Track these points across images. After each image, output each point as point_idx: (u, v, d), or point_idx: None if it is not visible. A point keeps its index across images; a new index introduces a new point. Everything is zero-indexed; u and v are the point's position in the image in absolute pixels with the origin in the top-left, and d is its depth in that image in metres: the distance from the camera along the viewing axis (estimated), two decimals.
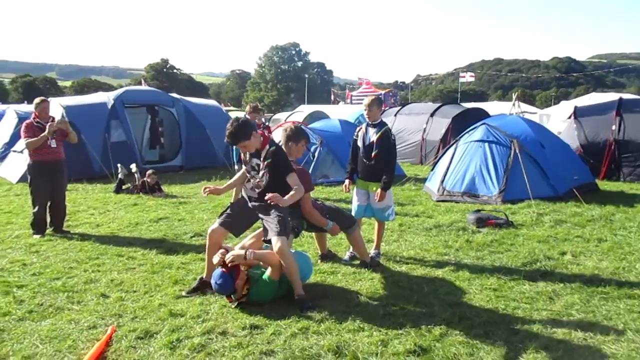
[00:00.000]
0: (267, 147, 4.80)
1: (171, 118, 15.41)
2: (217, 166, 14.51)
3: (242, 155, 5.01)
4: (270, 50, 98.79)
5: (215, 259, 4.78)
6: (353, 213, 6.09)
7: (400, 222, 7.85)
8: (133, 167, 11.66)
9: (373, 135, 5.95)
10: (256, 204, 4.89)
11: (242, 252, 4.72)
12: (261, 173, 4.83)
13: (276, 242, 4.56)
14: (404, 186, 11.39)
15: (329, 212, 5.51)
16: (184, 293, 5.02)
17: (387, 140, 5.88)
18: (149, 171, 11.17)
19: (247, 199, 5.02)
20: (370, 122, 6.03)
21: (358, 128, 6.24)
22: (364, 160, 6.02)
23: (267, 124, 10.17)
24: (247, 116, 8.92)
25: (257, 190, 4.91)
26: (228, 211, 4.99)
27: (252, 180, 4.98)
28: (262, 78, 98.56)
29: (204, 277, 5.00)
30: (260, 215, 4.84)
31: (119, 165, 11.86)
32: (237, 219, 4.92)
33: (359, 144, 6.09)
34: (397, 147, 17.28)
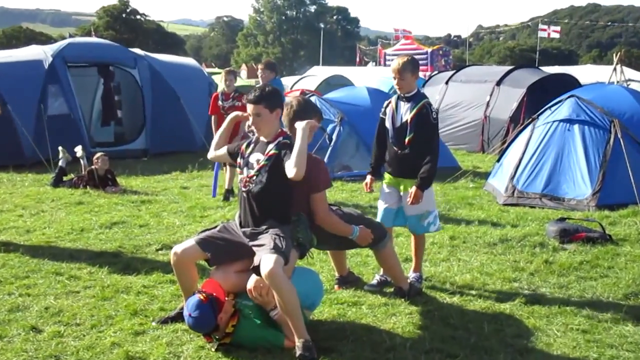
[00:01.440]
0: (281, 138, 4.89)
1: (132, 83, 15.52)
2: (194, 150, 14.58)
3: (242, 146, 5.07)
4: None
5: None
6: (379, 220, 6.07)
7: (452, 233, 7.82)
8: (78, 150, 11.73)
9: (406, 113, 5.93)
10: (247, 230, 4.88)
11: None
12: (257, 168, 4.84)
13: (266, 263, 4.43)
14: (458, 183, 11.34)
15: (350, 221, 5.48)
16: (153, 323, 5.07)
17: (426, 118, 5.86)
18: (98, 155, 11.21)
19: (237, 224, 5.04)
20: (402, 95, 6.01)
21: (386, 103, 6.22)
22: (394, 147, 6.01)
23: (236, 93, 10.32)
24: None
25: (242, 190, 4.90)
26: (214, 231, 5.01)
27: (239, 176, 5.00)
28: (259, 28, 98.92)
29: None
30: (252, 243, 4.81)
31: (59, 148, 11.96)
32: (222, 245, 4.90)
33: (387, 124, 6.08)
34: (449, 128, 17.57)
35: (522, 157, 10.01)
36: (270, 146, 4.87)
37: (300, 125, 4.84)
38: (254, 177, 4.86)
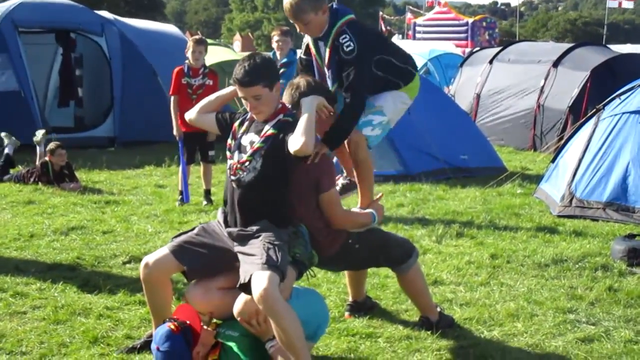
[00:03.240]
0: (281, 116, 4.85)
1: (97, 54, 15.57)
2: (174, 141, 14.53)
3: (234, 125, 5.00)
4: None
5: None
6: None
7: (494, 251, 7.84)
8: (38, 135, 11.77)
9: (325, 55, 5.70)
10: (234, 230, 4.85)
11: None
12: (250, 151, 4.80)
13: (258, 281, 4.37)
14: (502, 188, 11.36)
15: (368, 240, 5.51)
16: (117, 353, 5.10)
17: (342, 50, 5.49)
18: (53, 145, 11.25)
19: (221, 222, 5.01)
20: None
21: (303, 46, 6.03)
22: None
23: (206, 69, 10.26)
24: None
25: (232, 179, 4.85)
26: (192, 234, 4.98)
27: (228, 162, 4.96)
28: None
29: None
30: (238, 249, 4.75)
31: (2, 134, 11.99)
32: (202, 254, 4.86)
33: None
34: (493, 119, 17.60)
35: (582, 157, 9.96)
36: (268, 126, 4.82)
37: (305, 100, 4.87)
38: (246, 163, 4.78)
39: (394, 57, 5.76)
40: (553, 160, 11.11)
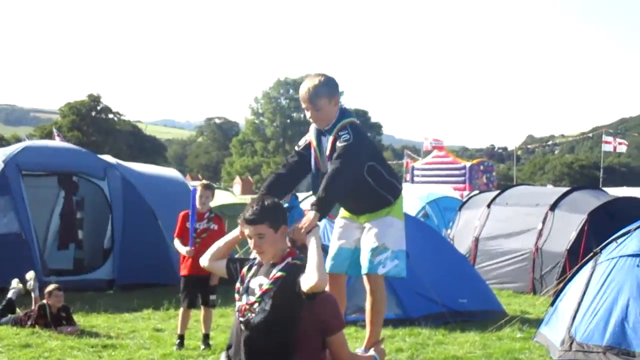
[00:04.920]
0: (290, 259, 4.92)
1: (99, 197, 15.75)
2: (173, 284, 14.57)
3: (242, 269, 5.07)
4: (275, 87, 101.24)
5: None
6: (328, 265, 6.08)
7: None
8: (29, 277, 11.80)
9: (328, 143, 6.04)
10: None
11: None
12: (259, 293, 4.83)
13: None
14: (502, 332, 11.28)
15: None
16: None
17: (340, 141, 5.93)
18: (51, 287, 11.24)
19: None
20: (322, 129, 6.10)
21: (304, 140, 6.32)
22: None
23: (212, 214, 10.42)
24: (198, 196, 10.11)
25: (240, 321, 4.87)
26: None
27: (237, 303, 4.98)
28: (257, 134, 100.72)
29: None
30: None
31: (14, 281, 11.99)
32: None
33: (312, 168, 6.20)
34: (492, 263, 17.59)
35: (581, 300, 9.96)
36: (277, 268, 4.87)
37: (310, 235, 5.05)
38: (255, 305, 4.79)
39: (384, 168, 6.12)
40: (552, 304, 11.10)
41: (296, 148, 6.28)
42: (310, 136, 6.18)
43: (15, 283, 11.87)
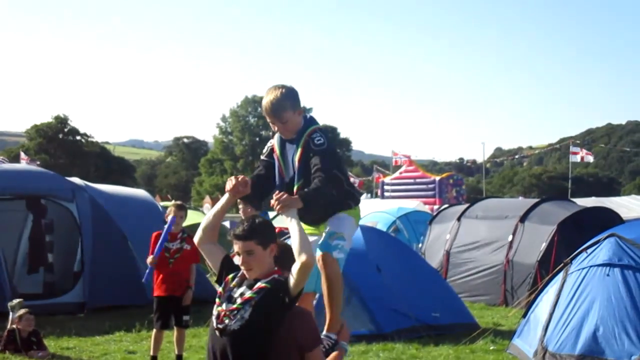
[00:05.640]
0: (276, 276, 4.95)
1: (68, 220, 15.61)
2: (145, 304, 14.49)
3: (228, 277, 5.06)
4: (243, 105, 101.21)
5: None
6: None
7: None
8: (15, 302, 11.68)
9: (294, 157, 6.04)
10: None
11: None
12: (240, 301, 4.82)
13: None
14: (475, 345, 11.34)
15: None
16: None
17: (311, 147, 5.97)
18: (22, 311, 11.16)
19: None
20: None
21: (267, 147, 6.34)
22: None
23: (184, 234, 10.38)
24: (169, 217, 10.19)
25: (217, 327, 4.84)
26: None
27: (215, 309, 4.97)
28: (226, 152, 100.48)
29: None
30: None
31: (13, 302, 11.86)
32: None
33: (277, 179, 6.19)
34: (463, 276, 17.67)
35: (553, 311, 10.04)
36: (262, 281, 4.89)
37: (289, 215, 5.15)
38: (235, 312, 4.81)
39: (344, 176, 6.24)
40: (524, 315, 11.16)
41: (261, 157, 6.29)
42: (274, 143, 6.20)
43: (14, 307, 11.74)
